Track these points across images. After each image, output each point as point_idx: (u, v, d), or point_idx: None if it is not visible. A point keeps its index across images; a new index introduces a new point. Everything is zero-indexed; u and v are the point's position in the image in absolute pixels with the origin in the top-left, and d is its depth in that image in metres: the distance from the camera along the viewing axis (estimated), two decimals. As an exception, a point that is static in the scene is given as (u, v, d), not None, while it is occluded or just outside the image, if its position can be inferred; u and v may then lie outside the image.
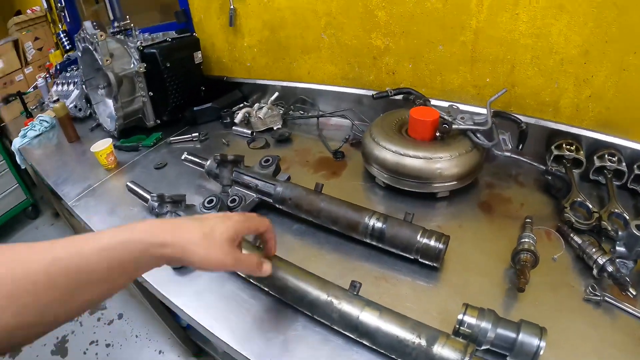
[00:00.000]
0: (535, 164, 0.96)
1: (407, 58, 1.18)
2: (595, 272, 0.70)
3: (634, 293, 0.66)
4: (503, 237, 0.81)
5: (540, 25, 0.93)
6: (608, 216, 0.79)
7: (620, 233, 0.72)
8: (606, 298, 0.67)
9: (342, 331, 0.66)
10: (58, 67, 2.21)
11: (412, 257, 0.77)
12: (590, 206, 0.82)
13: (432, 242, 0.74)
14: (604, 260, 0.69)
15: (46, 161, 1.63)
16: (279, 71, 1.50)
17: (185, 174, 1.23)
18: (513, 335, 0.56)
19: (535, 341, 0.54)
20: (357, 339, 0.65)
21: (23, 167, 1.99)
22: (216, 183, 1.07)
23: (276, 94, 1.41)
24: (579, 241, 0.75)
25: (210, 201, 0.91)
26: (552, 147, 0.95)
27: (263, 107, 1.38)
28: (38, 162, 1.64)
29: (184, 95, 1.57)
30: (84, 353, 2.16)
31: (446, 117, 0.95)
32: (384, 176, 0.97)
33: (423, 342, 0.56)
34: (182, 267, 0.87)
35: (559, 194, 0.89)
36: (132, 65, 1.44)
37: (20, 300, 0.38)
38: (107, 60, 1.36)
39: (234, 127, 1.44)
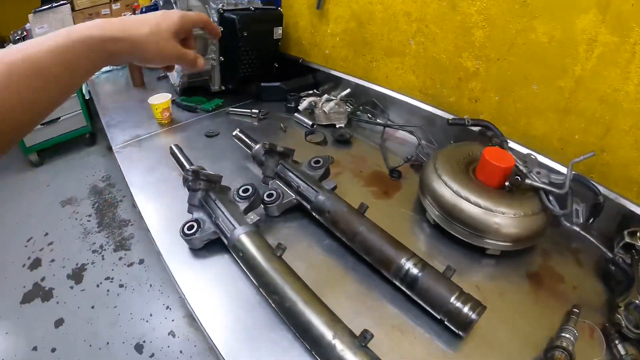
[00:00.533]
0: (601, 246, 0.82)
1: (495, 89, 1.05)
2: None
3: None
4: (543, 320, 0.71)
5: (652, 92, 0.78)
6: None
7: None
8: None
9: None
10: (143, 10, 2.22)
11: (439, 318, 0.68)
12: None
13: (466, 309, 0.63)
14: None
15: (107, 99, 1.65)
16: (357, 67, 1.40)
17: (233, 150, 1.18)
18: None
19: None
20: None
21: (88, 97, 2.03)
22: (260, 169, 1.01)
23: (348, 90, 1.31)
24: (622, 352, 0.64)
25: (246, 190, 0.84)
26: (625, 232, 0.81)
27: (331, 100, 1.29)
28: (99, 98, 1.65)
29: (255, 68, 1.51)
30: (97, 286, 2.22)
31: (521, 168, 0.82)
32: (436, 213, 0.86)
33: None
34: (200, 249, 0.82)
35: (617, 288, 0.76)
36: (209, 26, 1.39)
37: None
38: (185, 16, 1.31)
39: (295, 114, 1.37)
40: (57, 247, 2.50)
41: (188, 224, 0.80)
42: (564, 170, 0.90)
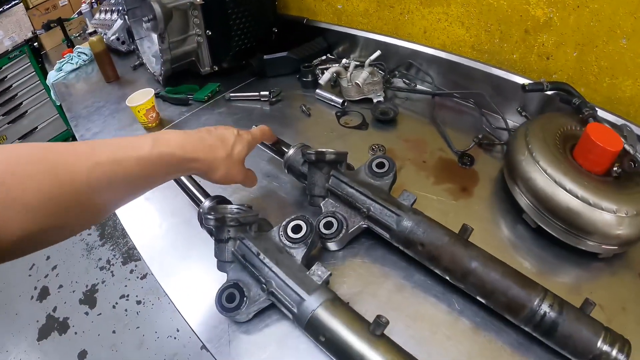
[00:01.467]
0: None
1: (574, 43, 0.82)
2: None
3: None
4: None
5: None
6: None
7: None
8: None
9: None
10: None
11: None
12: None
13: (614, 353, 0.48)
14: None
15: (78, 104, 1.35)
16: (383, 22, 1.11)
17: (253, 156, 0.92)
18: None
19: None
20: None
21: (58, 103, 1.75)
22: (296, 179, 0.77)
23: (378, 52, 1.03)
24: None
25: (297, 229, 0.60)
26: None
27: (361, 68, 1.01)
28: (69, 106, 1.36)
29: (251, 37, 1.22)
30: (113, 307, 2.04)
31: (629, 149, 0.63)
32: (538, 216, 0.66)
33: None
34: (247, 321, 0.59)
35: None
36: (186, -5, 1.09)
37: (63, 203, 0.40)
38: (152, -13, 1.01)
39: (317, 90, 1.09)
40: (62, 270, 2.29)
41: (227, 293, 0.56)
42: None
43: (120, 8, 1.48)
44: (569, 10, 0.80)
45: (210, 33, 1.16)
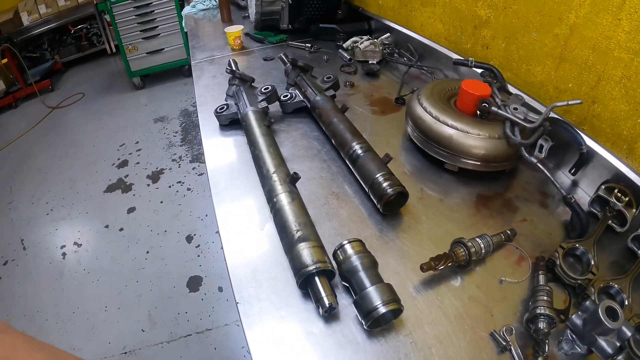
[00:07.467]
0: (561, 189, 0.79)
1: (502, 36, 1.10)
2: (525, 316, 0.63)
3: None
4: (472, 228, 0.80)
5: (642, 41, 0.77)
6: (601, 289, 0.66)
7: (586, 303, 0.61)
8: (512, 349, 0.60)
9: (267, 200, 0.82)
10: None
11: (366, 189, 0.83)
12: (592, 262, 0.69)
13: (385, 184, 0.76)
14: (542, 312, 0.60)
15: (199, 29, 2.04)
16: (401, 16, 1.55)
17: (278, 70, 1.43)
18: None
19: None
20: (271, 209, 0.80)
21: (185, 30, 2.41)
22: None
23: (387, 34, 1.51)
24: (541, 282, 0.67)
25: (267, 88, 1.08)
26: (603, 186, 0.81)
27: (368, 40, 1.47)
28: (192, 30, 2.05)
29: (319, 11, 1.74)
30: (169, 187, 2.66)
31: (496, 99, 0.88)
32: (411, 131, 0.99)
33: (298, 234, 0.70)
34: (225, 125, 1.10)
35: (572, 234, 0.78)
36: (281, -29, 1.65)
37: None
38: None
39: (339, 50, 1.57)
40: (144, 153, 3.00)
41: (220, 106, 1.08)
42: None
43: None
44: (499, 11, 1.08)
45: (291, 2, 1.70)
